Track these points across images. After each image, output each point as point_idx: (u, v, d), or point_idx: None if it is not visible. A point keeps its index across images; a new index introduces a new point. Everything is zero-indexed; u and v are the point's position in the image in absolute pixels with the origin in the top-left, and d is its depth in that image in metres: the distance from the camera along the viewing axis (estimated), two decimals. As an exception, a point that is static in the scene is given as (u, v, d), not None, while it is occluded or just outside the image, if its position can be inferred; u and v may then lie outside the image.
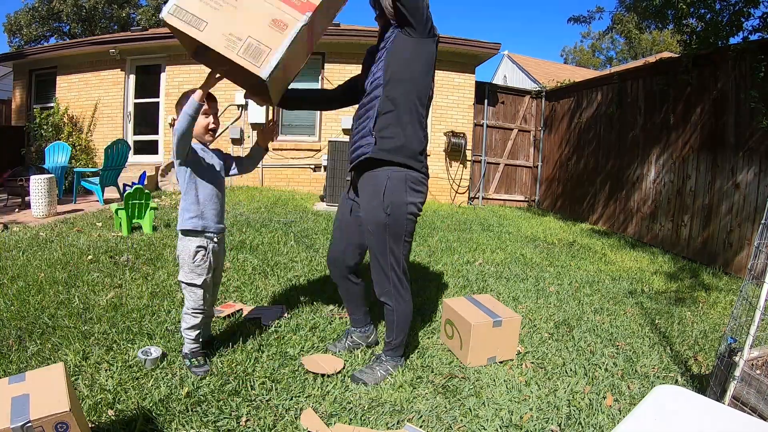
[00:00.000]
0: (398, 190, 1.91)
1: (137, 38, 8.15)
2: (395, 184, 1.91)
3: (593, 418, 1.87)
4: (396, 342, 2.10)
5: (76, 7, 17.58)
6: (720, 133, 4.82)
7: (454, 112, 8.24)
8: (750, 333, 1.75)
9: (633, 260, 4.79)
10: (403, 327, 2.08)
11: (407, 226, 1.98)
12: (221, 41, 1.51)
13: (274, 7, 1.53)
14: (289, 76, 1.88)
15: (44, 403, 1.22)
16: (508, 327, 2.30)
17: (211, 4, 1.53)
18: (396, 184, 1.91)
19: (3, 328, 2.26)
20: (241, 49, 1.50)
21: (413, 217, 2.00)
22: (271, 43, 1.51)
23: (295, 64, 1.76)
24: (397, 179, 1.91)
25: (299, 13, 1.53)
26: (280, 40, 1.51)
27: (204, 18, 1.52)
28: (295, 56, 1.66)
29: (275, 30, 1.51)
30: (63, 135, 7.94)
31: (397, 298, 2.03)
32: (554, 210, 8.24)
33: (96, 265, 3.32)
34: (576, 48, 33.23)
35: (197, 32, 1.52)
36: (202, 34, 1.52)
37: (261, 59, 1.50)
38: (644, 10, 5.59)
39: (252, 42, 1.50)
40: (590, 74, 14.02)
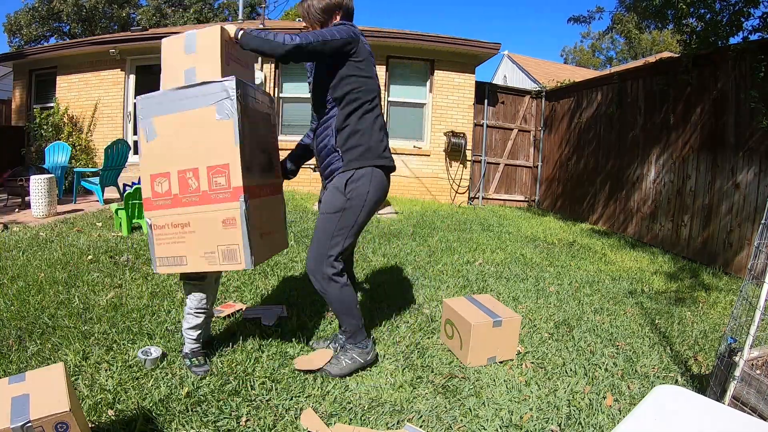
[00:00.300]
0: (364, 182, 2.01)
1: (137, 38, 8.15)
2: (361, 175, 2.01)
3: (593, 418, 1.87)
4: (349, 328, 2.08)
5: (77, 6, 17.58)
6: (720, 133, 4.82)
7: (454, 112, 8.24)
8: (750, 333, 1.75)
9: (633, 260, 4.79)
10: (345, 311, 2.05)
11: (360, 217, 2.02)
12: (204, 263, 1.81)
13: (216, 211, 1.77)
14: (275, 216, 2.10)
15: (44, 403, 1.22)
16: (508, 327, 2.30)
17: (176, 241, 1.83)
18: (362, 176, 2.01)
19: (3, 328, 2.26)
20: (220, 259, 1.78)
21: (369, 210, 2.05)
22: (234, 240, 1.76)
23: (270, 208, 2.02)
24: (364, 173, 2.02)
25: (234, 202, 1.75)
26: (239, 234, 1.75)
27: (180, 254, 1.84)
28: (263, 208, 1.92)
29: (230, 228, 1.76)
30: (63, 135, 7.94)
31: (328, 282, 2.02)
32: (554, 210, 8.24)
33: (96, 265, 3.32)
34: (576, 48, 33.24)
35: (185, 267, 1.85)
36: (188, 266, 1.84)
37: (238, 257, 1.76)
38: (644, 10, 5.58)
39: (223, 249, 1.77)
40: (590, 74, 14.02)
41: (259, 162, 1.93)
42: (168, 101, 1.81)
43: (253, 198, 1.82)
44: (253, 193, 1.82)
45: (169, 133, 1.82)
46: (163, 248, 1.86)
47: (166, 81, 1.87)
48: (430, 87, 8.23)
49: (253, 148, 1.87)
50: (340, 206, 1.99)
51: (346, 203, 1.99)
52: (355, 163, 2.00)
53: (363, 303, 2.93)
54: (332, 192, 2.03)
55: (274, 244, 2.07)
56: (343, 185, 2.00)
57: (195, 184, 1.79)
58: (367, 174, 2.01)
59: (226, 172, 1.75)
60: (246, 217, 1.74)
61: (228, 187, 1.75)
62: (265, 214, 1.94)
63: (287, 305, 2.77)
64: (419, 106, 8.32)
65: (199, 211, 1.79)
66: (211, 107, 1.75)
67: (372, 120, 2.05)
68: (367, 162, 2.02)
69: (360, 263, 3.84)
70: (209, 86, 1.75)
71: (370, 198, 2.02)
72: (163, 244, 1.86)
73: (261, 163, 1.96)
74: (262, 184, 1.95)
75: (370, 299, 3.02)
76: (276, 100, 7.98)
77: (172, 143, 1.82)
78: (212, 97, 1.75)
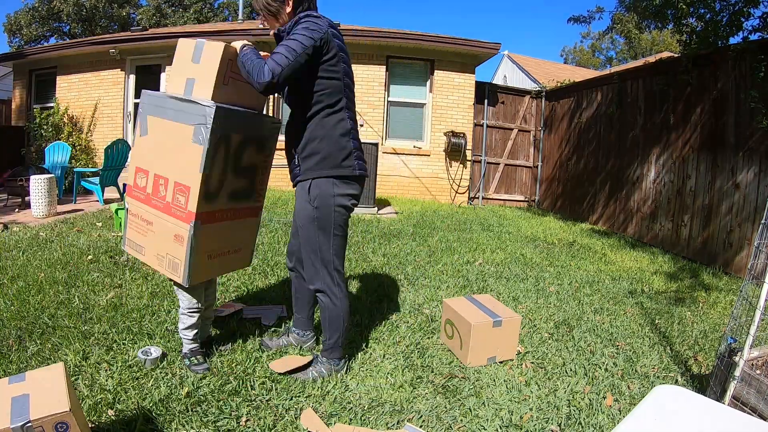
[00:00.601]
0: (324, 184, 1.92)
1: (137, 38, 8.15)
2: (320, 181, 1.92)
3: (593, 418, 1.87)
4: (330, 342, 2.04)
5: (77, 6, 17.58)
6: (720, 133, 4.82)
7: (454, 112, 8.24)
8: (750, 333, 1.75)
9: (633, 260, 4.79)
10: (335, 326, 2.01)
11: (336, 218, 1.95)
12: (155, 261, 1.95)
13: (171, 224, 1.87)
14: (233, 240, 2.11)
15: (44, 403, 1.22)
16: (508, 327, 2.30)
17: (141, 232, 1.98)
18: (321, 181, 1.92)
19: (3, 328, 2.26)
20: (166, 265, 1.91)
21: (343, 209, 1.96)
22: (178, 255, 1.86)
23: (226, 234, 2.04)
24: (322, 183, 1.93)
25: (186, 224, 1.82)
26: (183, 252, 1.84)
27: (141, 244, 1.99)
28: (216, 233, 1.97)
29: (178, 244, 1.86)
30: (63, 135, 7.94)
31: (330, 296, 2.00)
32: (554, 210, 8.24)
33: (96, 265, 3.32)
34: (576, 48, 33.25)
35: (141, 256, 2.00)
36: (145, 258, 1.99)
37: (179, 271, 1.87)
38: (644, 10, 5.58)
39: (170, 258, 1.89)
40: (590, 74, 14.02)
41: (232, 188, 1.96)
42: (164, 105, 1.87)
43: (211, 223, 1.90)
44: (210, 218, 1.89)
45: (157, 135, 1.91)
46: (131, 232, 2.03)
47: (171, 83, 1.91)
48: (430, 87, 8.23)
49: (226, 174, 1.91)
50: (311, 215, 1.94)
51: (315, 212, 1.93)
52: (311, 173, 1.92)
53: (363, 303, 2.93)
54: (299, 200, 1.99)
55: (229, 262, 2.13)
56: (306, 193, 1.93)
57: (163, 191, 1.89)
58: (326, 183, 1.91)
59: (186, 194, 1.82)
60: (192, 241, 1.82)
61: (185, 208, 1.83)
62: (224, 236, 2.01)
63: (287, 305, 2.77)
64: (419, 106, 8.32)
65: (160, 216, 1.90)
66: (189, 127, 1.79)
67: (332, 125, 1.90)
68: (324, 172, 1.91)
69: (360, 263, 3.84)
70: (193, 106, 1.79)
71: (338, 201, 1.94)
72: (132, 229, 2.02)
73: (235, 189, 1.98)
74: (230, 208, 1.99)
75: (370, 299, 3.02)
76: (276, 100, 7.98)
77: (157, 145, 1.91)
78: (193, 117, 1.79)
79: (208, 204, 1.85)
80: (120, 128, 8.30)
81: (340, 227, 1.98)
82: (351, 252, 4.15)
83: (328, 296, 2.00)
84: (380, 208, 6.53)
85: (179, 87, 1.88)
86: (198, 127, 1.77)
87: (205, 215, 1.85)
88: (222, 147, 1.83)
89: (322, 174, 1.91)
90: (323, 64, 1.84)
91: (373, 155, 6.17)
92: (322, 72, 1.85)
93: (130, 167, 2.01)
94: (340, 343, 2.05)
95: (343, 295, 2.03)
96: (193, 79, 1.85)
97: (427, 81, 8.25)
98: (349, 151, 1.94)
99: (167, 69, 8.12)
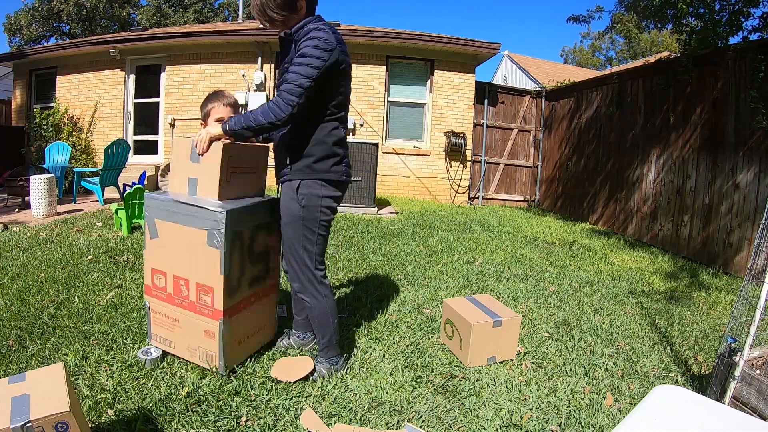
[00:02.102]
0: (313, 185, 1.92)
1: (137, 38, 8.15)
2: (310, 182, 1.93)
3: (593, 418, 1.87)
4: (324, 342, 2.04)
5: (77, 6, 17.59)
6: (720, 133, 4.82)
7: (454, 112, 8.24)
8: (750, 333, 1.75)
9: (633, 260, 4.79)
10: (325, 324, 2.01)
11: (321, 218, 1.95)
12: (186, 353, 2.02)
13: (200, 321, 1.94)
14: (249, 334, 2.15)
15: (44, 403, 1.22)
16: (508, 327, 2.30)
17: (167, 328, 2.04)
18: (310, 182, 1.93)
19: (3, 328, 2.26)
20: (200, 357, 1.98)
21: (328, 210, 1.97)
22: (211, 348, 1.94)
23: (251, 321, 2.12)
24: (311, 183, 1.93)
25: (214, 321, 1.90)
26: (216, 345, 1.92)
27: (170, 339, 2.05)
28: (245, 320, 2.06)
29: (209, 338, 1.93)
30: (63, 135, 7.95)
31: (314, 294, 1.99)
32: (554, 210, 8.24)
33: (96, 265, 3.32)
34: (576, 48, 33.25)
35: (171, 349, 2.05)
36: (174, 350, 2.05)
37: (215, 360, 1.95)
38: (644, 10, 5.59)
39: (203, 351, 1.97)
40: (590, 74, 14.02)
41: (250, 276, 2.04)
42: (170, 209, 1.92)
43: (236, 314, 1.97)
44: (235, 311, 1.97)
45: (168, 238, 1.95)
46: (157, 329, 2.07)
47: (173, 179, 1.97)
48: (430, 87, 8.23)
49: (244, 266, 1.99)
50: (297, 214, 1.93)
51: (302, 211, 1.92)
52: (301, 173, 1.91)
53: (363, 303, 2.93)
54: (285, 198, 1.97)
55: (256, 341, 2.19)
56: (294, 192, 1.92)
57: (185, 291, 1.95)
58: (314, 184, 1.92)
59: (210, 293, 1.89)
60: (222, 335, 1.90)
61: (211, 306, 1.89)
62: (249, 321, 2.08)
63: (287, 306, 2.77)
64: (419, 106, 8.32)
65: (187, 314, 1.97)
66: (202, 231, 1.85)
67: (327, 132, 1.91)
68: (314, 174, 1.91)
69: (360, 263, 3.84)
70: (203, 212, 1.83)
71: (325, 202, 1.95)
72: (158, 326, 2.07)
73: (252, 276, 2.06)
74: (251, 294, 2.07)
75: (370, 299, 3.02)
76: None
77: (171, 248, 1.96)
78: (204, 222, 1.83)
79: (232, 298, 1.93)
80: (120, 128, 8.30)
81: (323, 227, 1.99)
82: (351, 252, 4.15)
83: (312, 295, 2.00)
84: (380, 208, 6.53)
85: (182, 187, 1.93)
86: (212, 232, 1.83)
87: (231, 310, 1.93)
88: (237, 244, 1.91)
89: (312, 176, 1.92)
90: (330, 80, 1.85)
91: (373, 155, 6.17)
92: (327, 86, 1.85)
93: (145, 267, 2.04)
94: (333, 341, 2.06)
95: (328, 292, 2.03)
96: (195, 179, 1.90)
97: (427, 81, 8.25)
98: (340, 158, 1.97)
99: (168, 69, 8.12)
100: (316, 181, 1.93)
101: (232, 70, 7.94)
